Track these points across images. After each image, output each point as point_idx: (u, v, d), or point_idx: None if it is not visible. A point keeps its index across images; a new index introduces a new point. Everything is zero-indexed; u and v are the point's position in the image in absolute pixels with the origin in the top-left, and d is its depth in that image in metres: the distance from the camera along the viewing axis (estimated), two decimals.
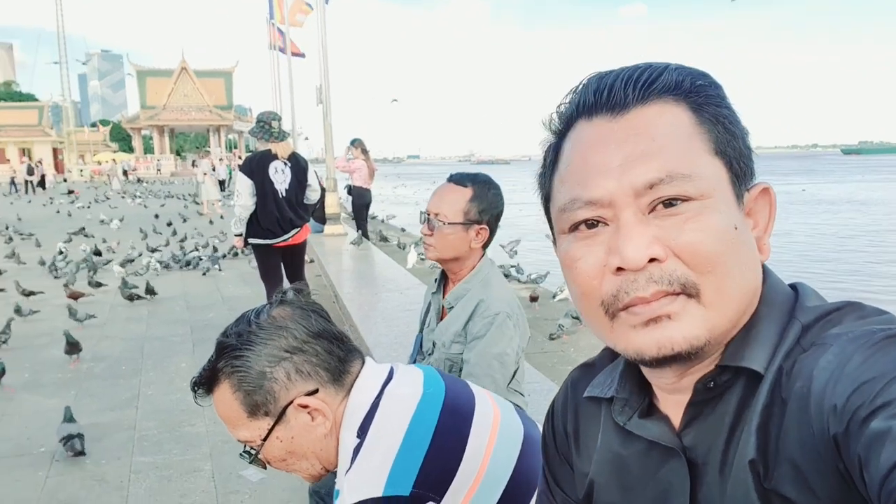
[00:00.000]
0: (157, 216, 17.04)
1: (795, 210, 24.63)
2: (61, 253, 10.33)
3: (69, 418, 3.77)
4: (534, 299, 6.75)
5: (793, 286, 0.72)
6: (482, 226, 2.12)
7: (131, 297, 7.26)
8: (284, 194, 5.32)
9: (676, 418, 0.72)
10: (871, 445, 0.52)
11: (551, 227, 0.75)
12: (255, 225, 5.30)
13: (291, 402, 1.26)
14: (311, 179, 5.59)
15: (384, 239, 11.94)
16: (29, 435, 3.97)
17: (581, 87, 0.71)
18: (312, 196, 5.57)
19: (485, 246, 2.17)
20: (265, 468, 1.37)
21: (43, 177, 35.74)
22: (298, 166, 5.41)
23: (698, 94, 0.67)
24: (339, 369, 1.31)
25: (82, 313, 6.36)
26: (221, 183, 24.45)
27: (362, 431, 1.26)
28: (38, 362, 5.36)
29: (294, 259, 5.68)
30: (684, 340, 0.63)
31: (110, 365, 5.26)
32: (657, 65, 0.68)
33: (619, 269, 0.64)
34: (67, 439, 3.63)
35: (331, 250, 9.75)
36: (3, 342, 5.71)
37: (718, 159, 0.66)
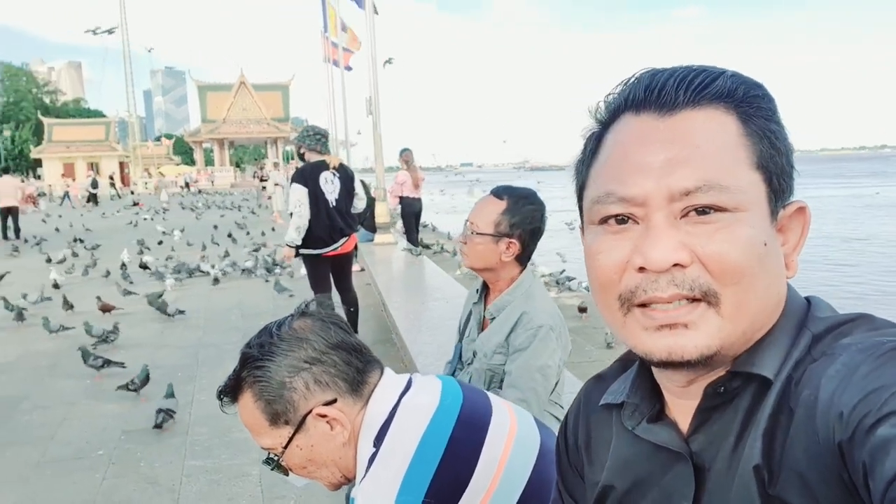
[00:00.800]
0: (216, 227, 17.50)
1: (870, 215, 23.67)
2: (123, 266, 10.68)
3: (169, 394, 4.36)
4: (582, 310, 6.69)
5: (807, 298, 0.72)
6: (512, 240, 2.11)
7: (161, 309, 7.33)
8: (335, 204, 5.46)
9: (685, 424, 0.72)
10: (877, 453, 0.52)
11: (581, 215, 0.75)
12: (307, 235, 5.42)
13: (310, 411, 1.29)
14: (358, 188, 5.74)
15: (426, 246, 12.02)
16: (88, 439, 4.13)
17: (632, 80, 0.70)
18: (359, 205, 5.72)
19: (520, 259, 2.16)
20: (287, 475, 1.40)
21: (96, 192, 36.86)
22: (346, 176, 5.57)
23: (750, 104, 0.66)
24: (357, 380, 1.34)
25: (98, 329, 6.31)
26: None
27: (378, 441, 1.29)
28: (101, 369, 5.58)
29: (342, 268, 5.81)
30: (696, 350, 0.64)
31: (166, 372, 5.42)
32: (712, 69, 0.68)
33: (642, 268, 0.64)
34: (158, 412, 4.21)
35: (381, 259, 9.86)
36: (112, 341, 6.20)
37: (759, 173, 0.65)
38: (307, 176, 5.40)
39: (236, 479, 3.54)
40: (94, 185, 35.07)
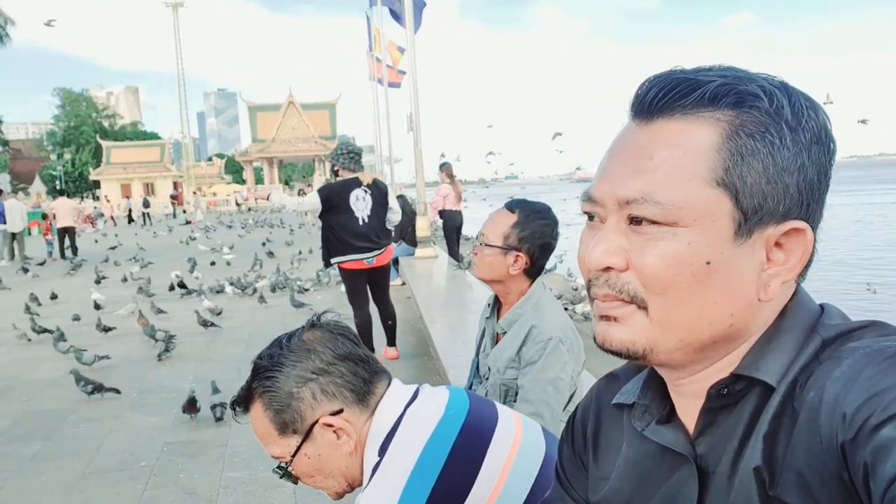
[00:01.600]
0: (264, 244, 17.83)
1: None
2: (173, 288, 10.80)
3: (215, 390, 4.84)
4: None
5: (821, 306, 0.71)
6: (520, 253, 2.11)
7: (205, 324, 7.64)
8: (366, 220, 5.58)
9: (692, 425, 0.72)
10: (879, 453, 0.52)
11: None
12: (337, 244, 5.57)
13: (317, 420, 1.33)
14: (392, 202, 5.84)
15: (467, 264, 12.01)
16: (132, 451, 4.27)
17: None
18: (394, 218, 5.83)
19: (529, 273, 2.16)
20: (296, 483, 1.44)
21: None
22: (379, 191, 5.70)
23: (739, 116, 0.64)
24: (363, 390, 1.37)
25: (89, 356, 6.18)
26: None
27: (382, 450, 1.31)
28: (146, 383, 5.77)
29: (379, 281, 5.90)
30: (620, 343, 0.68)
31: (208, 386, 5.56)
32: (702, 76, 0.66)
33: None
34: (212, 407, 4.69)
35: (421, 273, 9.91)
36: (167, 350, 6.54)
37: (721, 191, 0.64)
38: (333, 193, 5.57)
39: (271, 491, 3.60)
40: (146, 204, 36.11)
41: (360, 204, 5.55)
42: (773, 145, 0.64)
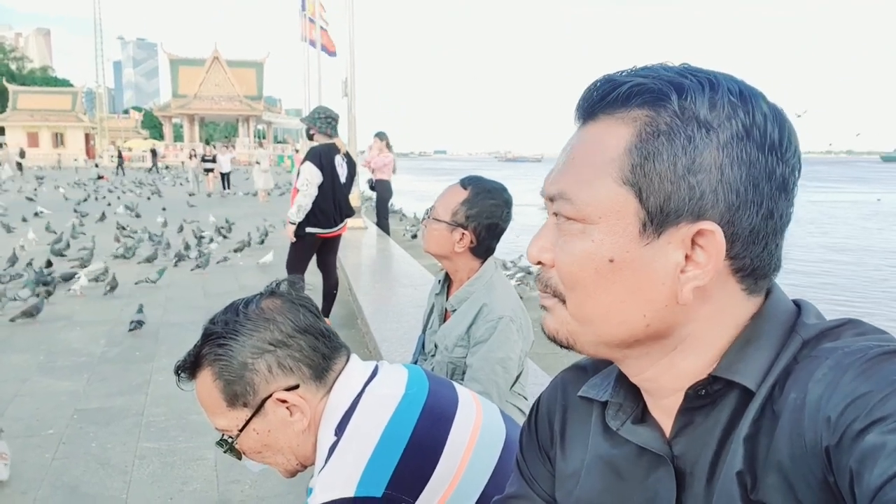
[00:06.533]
0: (164, 209, 16.49)
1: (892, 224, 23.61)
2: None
3: (140, 310, 5.83)
4: None
5: (795, 302, 0.70)
6: (465, 231, 2.07)
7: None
8: (342, 188, 5.59)
9: (668, 426, 0.71)
10: (865, 459, 0.52)
11: None
12: (318, 215, 5.46)
13: (270, 395, 1.25)
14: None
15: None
16: (39, 417, 4.02)
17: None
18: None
19: (476, 252, 2.12)
20: (240, 458, 1.36)
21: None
22: (351, 161, 5.73)
23: (653, 114, 0.64)
24: (322, 366, 1.30)
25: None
26: (224, 176, 24.12)
27: (340, 430, 1.25)
28: (55, 344, 5.46)
29: (333, 249, 5.89)
30: (549, 330, 0.73)
31: (124, 350, 5.33)
32: (625, 77, 0.66)
33: None
34: (131, 322, 5.55)
35: (350, 243, 9.77)
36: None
37: (627, 189, 0.64)
38: (323, 160, 5.42)
39: (191, 462, 3.47)
40: (22, 154, 34.18)
41: (341, 170, 5.52)
42: (677, 144, 0.63)
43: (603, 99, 0.67)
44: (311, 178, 5.34)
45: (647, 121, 0.64)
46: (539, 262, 0.71)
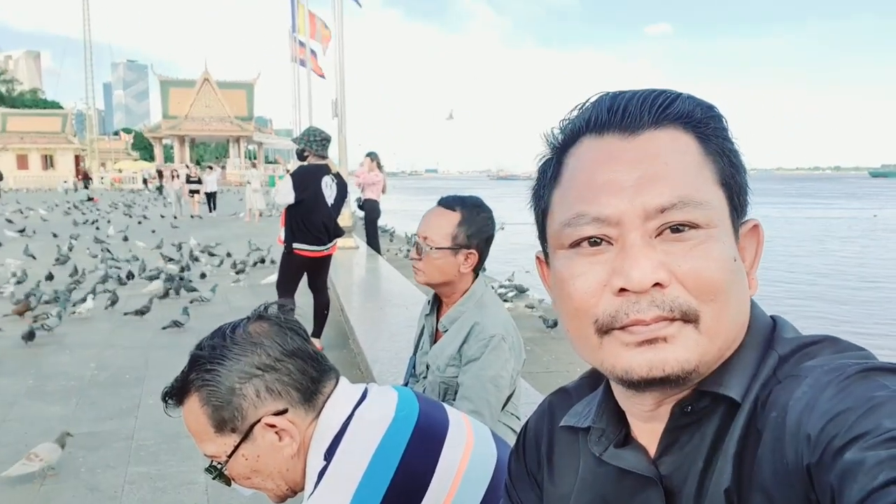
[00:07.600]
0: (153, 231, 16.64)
1: (892, 239, 23.30)
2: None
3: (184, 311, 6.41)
4: (552, 326, 6.58)
5: (772, 317, 0.71)
6: (471, 250, 2.08)
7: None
8: (330, 208, 5.60)
9: (652, 447, 0.71)
10: (845, 476, 0.52)
11: (543, 243, 0.75)
12: (305, 233, 5.49)
13: (259, 420, 1.24)
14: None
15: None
16: (27, 442, 3.97)
17: (592, 103, 0.70)
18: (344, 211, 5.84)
19: (475, 270, 2.14)
20: (229, 484, 1.34)
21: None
22: (342, 182, 5.74)
23: (707, 125, 0.67)
24: (311, 389, 1.29)
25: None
26: (209, 196, 23.95)
27: (329, 454, 1.24)
28: (44, 368, 5.41)
29: (323, 269, 5.89)
30: (676, 363, 0.62)
31: (114, 373, 5.28)
32: (671, 91, 0.68)
33: (622, 290, 0.63)
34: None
35: (341, 263, 9.75)
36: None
37: (722, 191, 0.66)
38: (307, 178, 5.47)
39: (181, 487, 3.43)
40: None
41: (329, 191, 5.55)
42: (734, 147, 0.69)
43: (667, 109, 0.67)
44: (282, 192, 5.48)
45: (708, 130, 0.67)
46: (657, 285, 0.62)
